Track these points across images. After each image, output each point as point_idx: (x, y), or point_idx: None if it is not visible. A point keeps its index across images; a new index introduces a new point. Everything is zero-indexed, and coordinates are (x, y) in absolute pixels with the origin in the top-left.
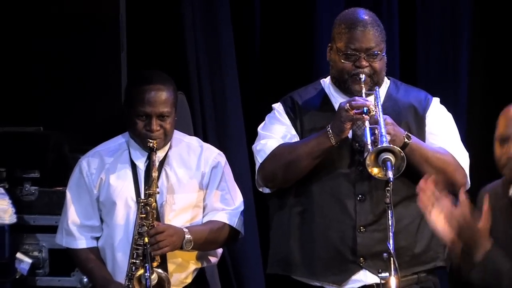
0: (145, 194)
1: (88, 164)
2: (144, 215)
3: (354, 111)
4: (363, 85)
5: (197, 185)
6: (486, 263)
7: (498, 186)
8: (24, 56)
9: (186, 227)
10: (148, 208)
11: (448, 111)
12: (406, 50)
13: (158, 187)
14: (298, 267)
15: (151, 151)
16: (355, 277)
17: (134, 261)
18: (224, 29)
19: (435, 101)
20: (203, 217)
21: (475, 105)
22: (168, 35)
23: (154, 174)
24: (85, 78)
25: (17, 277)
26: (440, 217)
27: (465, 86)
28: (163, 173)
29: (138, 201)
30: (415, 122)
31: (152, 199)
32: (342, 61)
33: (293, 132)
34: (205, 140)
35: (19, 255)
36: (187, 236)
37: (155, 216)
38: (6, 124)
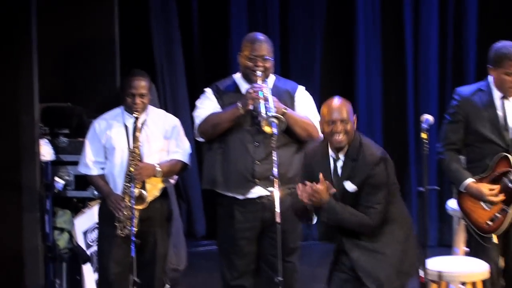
0: (133, 145)
1: (99, 125)
2: (132, 157)
3: (254, 93)
4: (259, 78)
5: (163, 138)
6: (328, 208)
7: (317, 146)
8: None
9: (158, 163)
10: (135, 153)
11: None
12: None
13: (140, 141)
14: (219, 184)
15: (136, 119)
16: (253, 190)
17: (126, 183)
18: (176, 45)
19: (301, 87)
20: (167, 157)
21: (326, 89)
22: (143, 48)
23: (138, 133)
24: (95, 74)
25: (55, 191)
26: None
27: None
28: (143, 131)
29: (129, 149)
30: (289, 100)
31: (136, 148)
32: (247, 62)
33: (218, 106)
34: (166, 111)
35: (56, 178)
36: (158, 168)
37: (138, 157)
38: (49, 101)
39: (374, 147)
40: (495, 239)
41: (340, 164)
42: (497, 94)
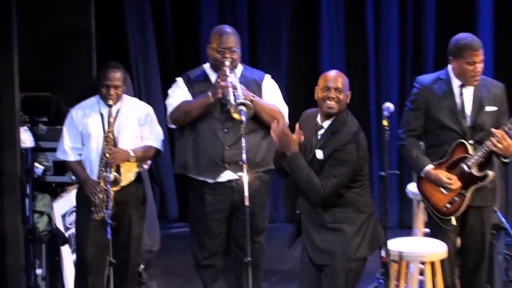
0: (107, 131)
1: (76, 113)
2: (107, 142)
3: (223, 82)
4: (227, 68)
5: (137, 125)
6: (291, 158)
7: (314, 112)
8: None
9: (131, 149)
10: (109, 138)
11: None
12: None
13: (113, 127)
14: (190, 169)
15: (109, 107)
16: (223, 174)
17: (101, 168)
18: (149, 37)
19: (267, 76)
20: (141, 143)
21: (293, 77)
22: (118, 40)
23: (111, 120)
24: (73, 65)
25: (35, 176)
26: (274, 133)
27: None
28: (117, 118)
29: (104, 135)
30: (257, 89)
31: (110, 134)
32: (216, 54)
33: (189, 94)
34: (140, 99)
35: (36, 164)
36: (131, 154)
37: (113, 143)
38: (28, 91)
39: (355, 129)
40: (453, 221)
41: (321, 132)
42: (456, 83)
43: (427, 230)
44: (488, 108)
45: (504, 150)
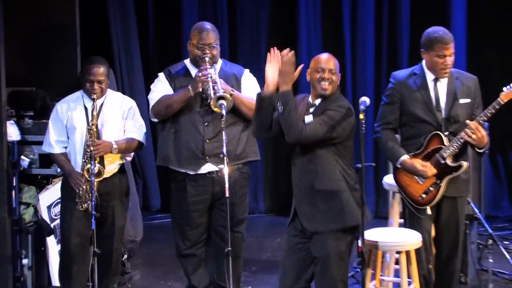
0: (91, 123)
1: (61, 107)
2: (90, 135)
3: (203, 77)
4: (207, 63)
5: (120, 118)
6: (287, 93)
7: (304, 96)
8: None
9: (114, 141)
10: (92, 131)
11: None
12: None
13: (97, 120)
14: (172, 161)
15: (93, 100)
16: (204, 167)
17: (85, 160)
18: (132, 32)
19: (246, 71)
20: (124, 136)
21: None
22: (102, 35)
23: (95, 112)
24: (57, 60)
25: (21, 169)
26: (273, 68)
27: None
28: (101, 112)
29: (87, 127)
30: (236, 83)
31: (94, 126)
32: (196, 50)
33: (170, 88)
34: (123, 94)
35: (22, 157)
36: (114, 146)
37: (96, 135)
38: (14, 86)
39: (347, 104)
40: (429, 210)
41: (312, 110)
42: (430, 77)
43: (402, 220)
44: (462, 101)
45: (478, 141)
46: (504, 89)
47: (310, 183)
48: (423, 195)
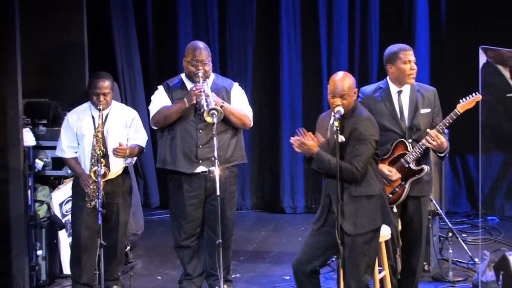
0: (97, 131)
1: (71, 117)
2: (96, 141)
3: (197, 90)
4: (201, 78)
5: (124, 127)
6: (316, 158)
7: (327, 113)
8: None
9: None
10: (98, 137)
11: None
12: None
13: (103, 128)
14: (169, 163)
15: (99, 111)
16: (197, 168)
17: (92, 163)
18: (134, 50)
19: (236, 84)
20: (127, 143)
21: (257, 84)
22: (107, 52)
23: (101, 121)
24: (68, 74)
25: (36, 170)
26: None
27: (250, 78)
28: (106, 121)
29: (94, 134)
30: (226, 95)
31: (100, 133)
32: (190, 66)
33: (168, 100)
34: (126, 104)
35: (37, 160)
36: (127, 152)
37: (101, 141)
38: (30, 97)
39: (366, 113)
40: (395, 209)
41: (335, 128)
42: (394, 90)
43: None
44: (423, 111)
45: (438, 147)
46: (461, 101)
47: (347, 190)
48: (390, 195)
